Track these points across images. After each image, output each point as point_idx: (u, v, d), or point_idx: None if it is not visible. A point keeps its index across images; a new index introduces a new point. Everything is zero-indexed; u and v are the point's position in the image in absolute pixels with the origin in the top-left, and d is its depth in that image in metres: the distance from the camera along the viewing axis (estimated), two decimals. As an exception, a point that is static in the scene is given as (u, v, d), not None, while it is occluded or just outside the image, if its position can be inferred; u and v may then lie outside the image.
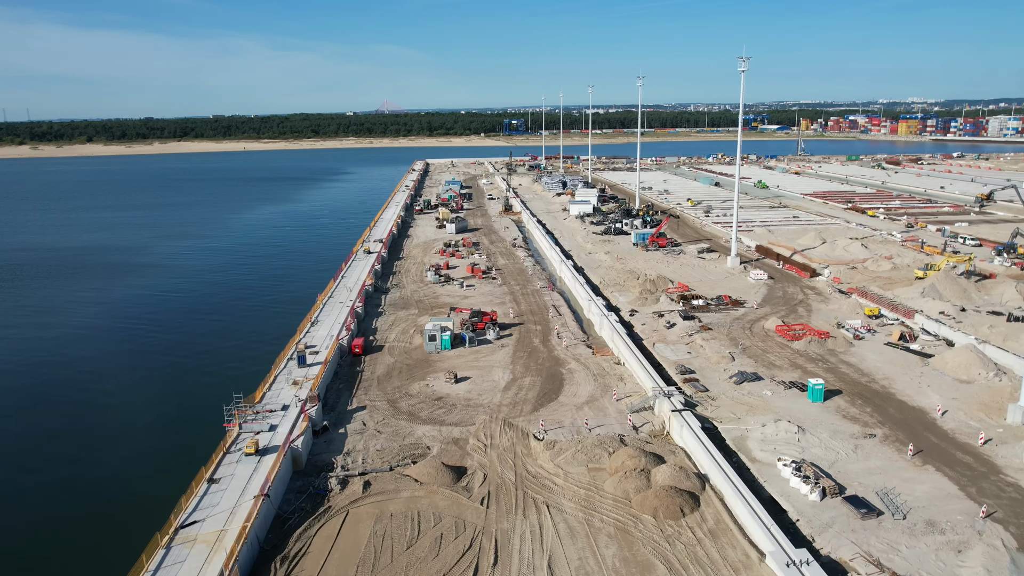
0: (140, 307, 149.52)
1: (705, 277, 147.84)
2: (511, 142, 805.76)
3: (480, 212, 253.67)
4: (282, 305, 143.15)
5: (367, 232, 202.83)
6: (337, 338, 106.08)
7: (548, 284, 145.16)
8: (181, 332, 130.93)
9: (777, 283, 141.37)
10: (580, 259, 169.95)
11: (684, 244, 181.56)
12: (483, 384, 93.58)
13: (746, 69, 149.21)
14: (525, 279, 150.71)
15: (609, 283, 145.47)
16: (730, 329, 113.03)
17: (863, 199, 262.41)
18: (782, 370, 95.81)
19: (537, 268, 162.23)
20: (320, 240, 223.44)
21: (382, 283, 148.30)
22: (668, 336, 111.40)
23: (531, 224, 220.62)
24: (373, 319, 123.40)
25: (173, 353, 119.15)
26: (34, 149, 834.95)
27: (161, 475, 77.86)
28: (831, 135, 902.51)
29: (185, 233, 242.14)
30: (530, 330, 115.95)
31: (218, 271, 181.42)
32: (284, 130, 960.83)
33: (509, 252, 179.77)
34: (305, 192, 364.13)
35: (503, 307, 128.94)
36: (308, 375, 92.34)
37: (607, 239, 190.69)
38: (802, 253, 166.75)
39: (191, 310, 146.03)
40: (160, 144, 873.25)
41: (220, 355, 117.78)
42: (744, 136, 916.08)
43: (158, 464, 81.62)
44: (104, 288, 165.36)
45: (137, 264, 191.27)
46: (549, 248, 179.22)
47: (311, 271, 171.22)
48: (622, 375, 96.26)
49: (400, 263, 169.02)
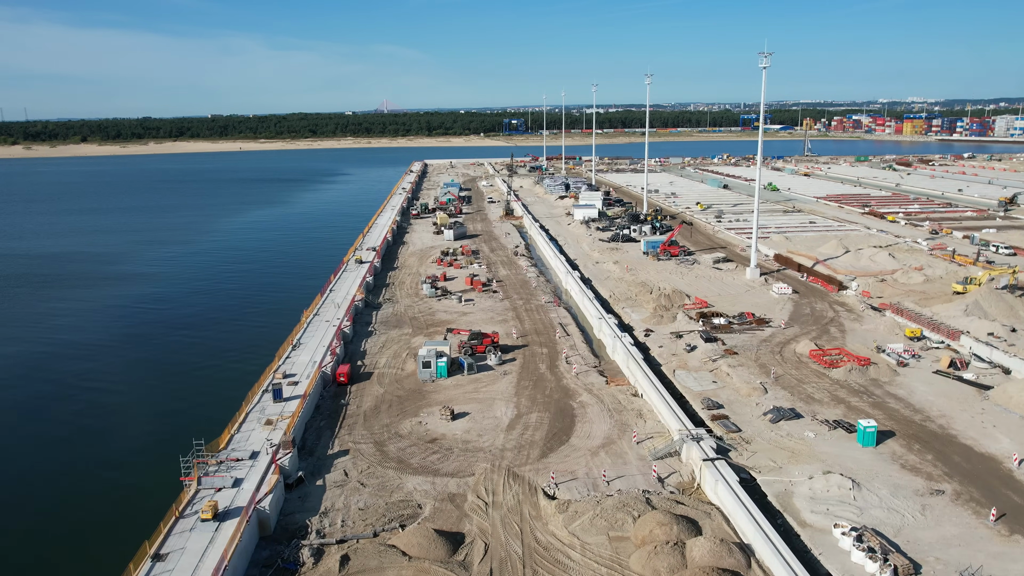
0: (104, 323, 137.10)
1: (723, 291, 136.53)
2: (511, 142, 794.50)
3: (480, 216, 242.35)
4: (264, 323, 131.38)
5: (360, 239, 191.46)
6: (320, 365, 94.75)
7: (554, 299, 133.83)
8: (147, 355, 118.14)
9: (803, 298, 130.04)
10: (587, 269, 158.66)
11: (697, 253, 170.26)
12: (483, 421, 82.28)
13: (768, 65, 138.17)
14: (528, 292, 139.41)
15: (620, 297, 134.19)
16: (758, 353, 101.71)
17: (879, 203, 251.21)
18: (823, 405, 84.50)
19: (541, 279, 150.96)
20: (310, 247, 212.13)
21: (374, 297, 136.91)
22: (689, 361, 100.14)
23: (533, 230, 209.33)
24: (362, 340, 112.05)
25: (133, 383, 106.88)
26: (27, 149, 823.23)
27: (98, 546, 66.45)
28: (835, 135, 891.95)
29: (167, 239, 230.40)
30: (535, 353, 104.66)
31: (197, 282, 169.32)
32: (281, 130, 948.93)
33: (511, 261, 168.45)
34: (298, 194, 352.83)
35: (505, 326, 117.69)
36: (284, 412, 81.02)
37: (615, 247, 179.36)
38: (825, 263, 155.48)
39: (161, 329, 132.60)
40: (155, 144, 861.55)
41: (187, 386, 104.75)
42: (746, 136, 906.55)
43: (93, 535, 69.18)
44: (67, 301, 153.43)
45: (109, 274, 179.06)
46: (553, 257, 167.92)
47: (298, 282, 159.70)
48: (641, 410, 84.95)
49: (394, 274, 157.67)
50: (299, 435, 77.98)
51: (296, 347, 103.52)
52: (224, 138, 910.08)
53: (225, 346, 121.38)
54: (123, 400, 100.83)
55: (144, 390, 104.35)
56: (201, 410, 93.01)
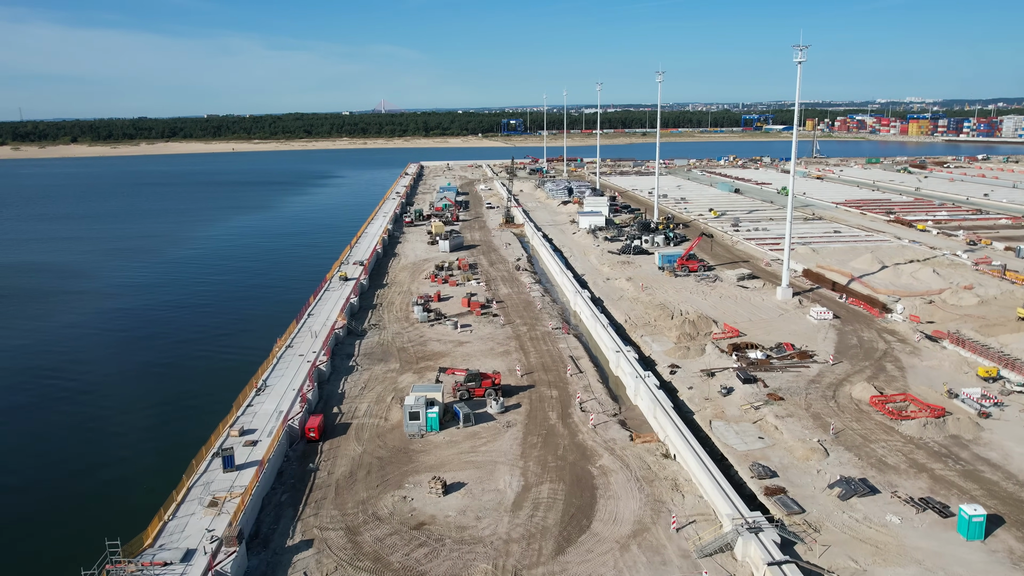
0: (41, 358, 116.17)
1: (753, 315, 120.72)
2: (509, 143, 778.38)
3: (478, 224, 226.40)
4: (228, 358, 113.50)
5: (347, 251, 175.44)
6: (286, 418, 78.82)
7: (562, 324, 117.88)
8: (81, 408, 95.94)
9: (845, 324, 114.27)
10: (597, 287, 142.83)
11: (718, 268, 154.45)
12: (483, 497, 66.45)
13: (804, 60, 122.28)
14: (533, 316, 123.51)
15: (637, 322, 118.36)
16: (808, 399, 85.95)
17: (903, 209, 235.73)
18: (900, 474, 68.73)
19: (547, 299, 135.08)
20: (294, 259, 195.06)
21: (358, 322, 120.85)
22: (727, 408, 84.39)
23: (536, 239, 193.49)
24: (341, 378, 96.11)
25: (54, 453, 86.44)
26: (15, 150, 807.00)
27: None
28: (839, 135, 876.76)
29: (137, 248, 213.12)
30: (544, 397, 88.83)
31: (162, 303, 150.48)
32: (276, 130, 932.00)
33: (512, 277, 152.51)
34: (287, 198, 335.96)
35: (507, 359, 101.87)
36: (236, 486, 65.22)
37: (626, 260, 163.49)
38: (861, 281, 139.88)
39: (109, 367, 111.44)
40: (147, 144, 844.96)
41: (117, 453, 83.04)
42: (748, 136, 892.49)
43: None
44: (8, 324, 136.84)
45: (64, 291, 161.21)
46: (560, 273, 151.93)
47: (276, 303, 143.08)
48: (676, 479, 69.16)
49: (383, 292, 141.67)
50: (251, 521, 62.10)
51: (261, 391, 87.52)
52: (217, 139, 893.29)
53: (173, 394, 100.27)
54: (43, 483, 76.97)
55: (51, 468, 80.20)
56: (129, 486, 75.46)
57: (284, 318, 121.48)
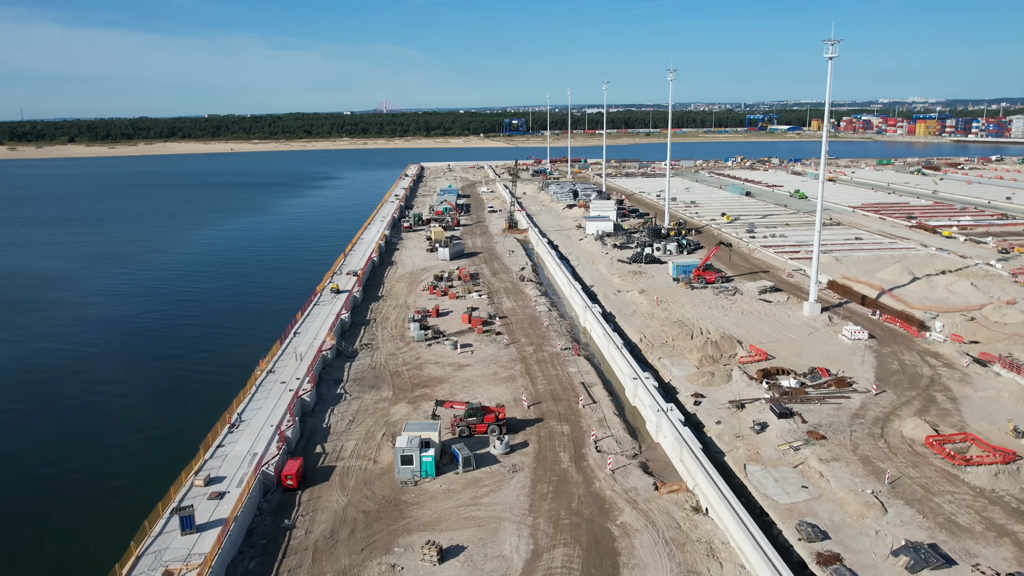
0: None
1: (780, 333, 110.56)
2: (511, 143, 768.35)
3: (480, 229, 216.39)
4: (203, 385, 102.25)
5: (341, 259, 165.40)
6: (260, 463, 68.80)
7: (572, 344, 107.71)
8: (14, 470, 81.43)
9: (883, 345, 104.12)
10: (608, 300, 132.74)
11: (737, 279, 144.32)
12: (485, 566, 56.45)
13: (835, 55, 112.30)
14: (540, 334, 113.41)
15: (654, 342, 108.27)
16: (853, 437, 75.86)
17: (924, 213, 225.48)
18: (976, 538, 58.64)
19: (554, 314, 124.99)
20: (285, 267, 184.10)
21: (349, 342, 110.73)
22: (762, 449, 74.32)
23: (541, 246, 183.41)
24: (327, 410, 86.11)
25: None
26: (12, 150, 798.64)
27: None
28: (845, 136, 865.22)
29: (120, 255, 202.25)
30: (554, 434, 78.78)
31: (137, 316, 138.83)
32: (276, 130, 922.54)
33: (516, 289, 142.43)
34: (281, 201, 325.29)
35: (512, 385, 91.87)
36: (196, 552, 55.26)
37: (637, 270, 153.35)
38: (893, 294, 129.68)
39: (55, 394, 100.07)
40: (145, 145, 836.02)
41: (55, 515, 70.78)
42: (753, 137, 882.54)
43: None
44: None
45: (31, 300, 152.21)
46: (567, 284, 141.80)
47: (262, 317, 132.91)
48: (711, 542, 59.15)
49: (377, 306, 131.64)
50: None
51: (235, 427, 77.52)
52: (216, 138, 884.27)
53: (134, 433, 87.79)
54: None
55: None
56: (67, 553, 65.25)
57: (269, 335, 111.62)
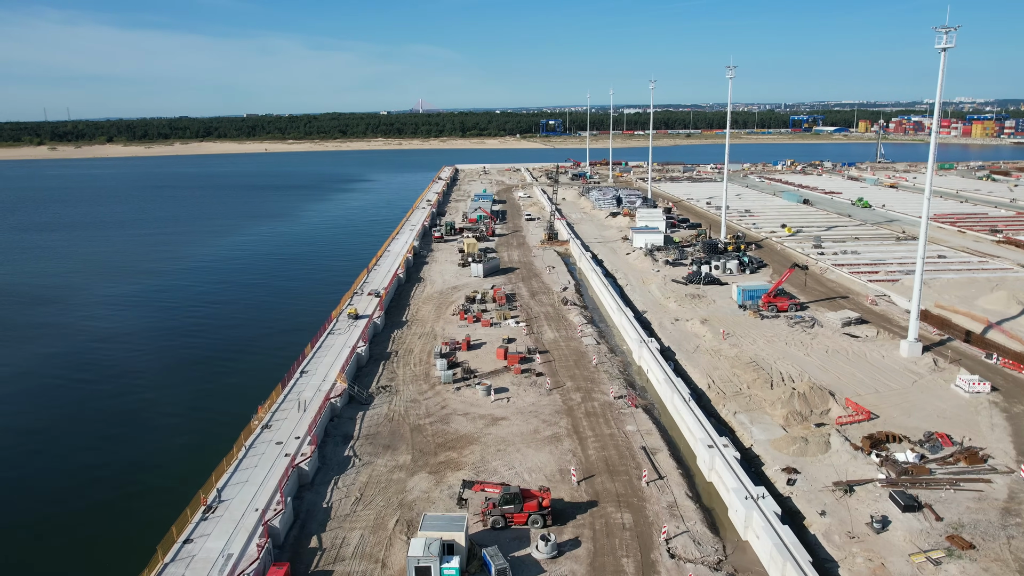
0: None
1: (878, 380, 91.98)
2: (548, 144, 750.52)
3: (516, 240, 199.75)
4: (183, 449, 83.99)
5: (363, 276, 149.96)
6: (236, 574, 52.84)
7: (627, 392, 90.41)
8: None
9: (1012, 401, 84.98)
10: (664, 330, 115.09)
11: (813, 306, 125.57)
12: None
13: (951, 46, 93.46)
14: (588, 375, 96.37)
15: (725, 389, 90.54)
16: (1012, 545, 57.53)
17: (1008, 225, 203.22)
18: None
19: (603, 348, 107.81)
20: (301, 285, 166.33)
21: (364, 384, 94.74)
22: (888, 558, 56.44)
23: (584, 261, 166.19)
24: (330, 479, 70.11)
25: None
26: (51, 150, 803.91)
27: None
28: (895, 138, 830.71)
29: (130, 267, 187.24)
30: (612, 527, 61.72)
31: (130, 344, 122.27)
32: (311, 130, 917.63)
33: (558, 315, 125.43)
34: (308, 206, 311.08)
35: (557, 450, 75.04)
36: None
37: (696, 292, 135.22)
38: (1001, 328, 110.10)
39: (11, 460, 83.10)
40: (181, 144, 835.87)
41: None
42: (798, 138, 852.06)
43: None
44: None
45: (22, 323, 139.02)
46: (617, 310, 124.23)
47: (266, 351, 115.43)
48: None
49: (400, 335, 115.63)
50: None
51: (210, 510, 61.75)
52: (252, 139, 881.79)
53: (91, 525, 69.02)
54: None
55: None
56: None
57: (272, 373, 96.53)
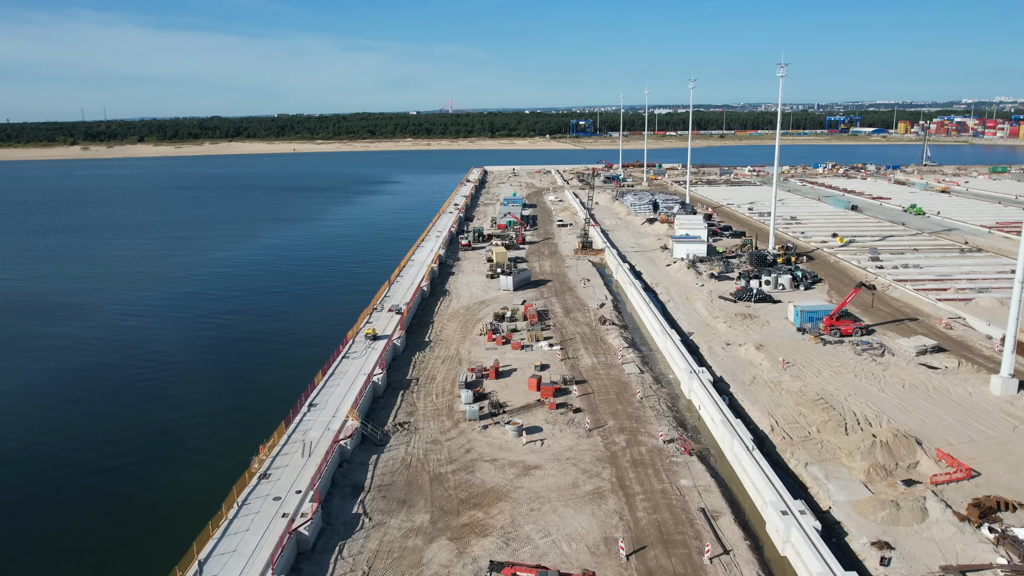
0: None
1: (970, 425, 79.41)
2: (579, 145, 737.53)
3: (548, 248, 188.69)
4: (169, 505, 72.50)
5: (385, 288, 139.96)
6: None
7: (680, 438, 78.75)
8: None
9: None
10: (715, 356, 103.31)
11: (879, 329, 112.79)
12: None
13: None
14: (632, 412, 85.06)
15: (791, 433, 78.66)
16: None
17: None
18: None
19: (646, 377, 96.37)
20: (318, 297, 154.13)
21: (380, 419, 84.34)
22: None
23: (621, 273, 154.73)
24: (334, 545, 59.63)
25: None
26: (84, 150, 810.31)
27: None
28: (937, 139, 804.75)
29: (138, 274, 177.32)
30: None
31: (121, 371, 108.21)
32: (340, 130, 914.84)
33: (595, 336, 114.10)
34: (331, 209, 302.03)
35: (601, 510, 63.90)
36: None
37: (746, 311, 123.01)
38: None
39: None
40: (210, 144, 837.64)
41: None
42: (834, 140, 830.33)
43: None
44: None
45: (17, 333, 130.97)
46: (660, 332, 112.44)
47: (276, 379, 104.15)
48: None
49: (422, 359, 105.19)
50: None
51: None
52: (281, 138, 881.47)
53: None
54: None
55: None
56: None
57: (280, 401, 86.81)
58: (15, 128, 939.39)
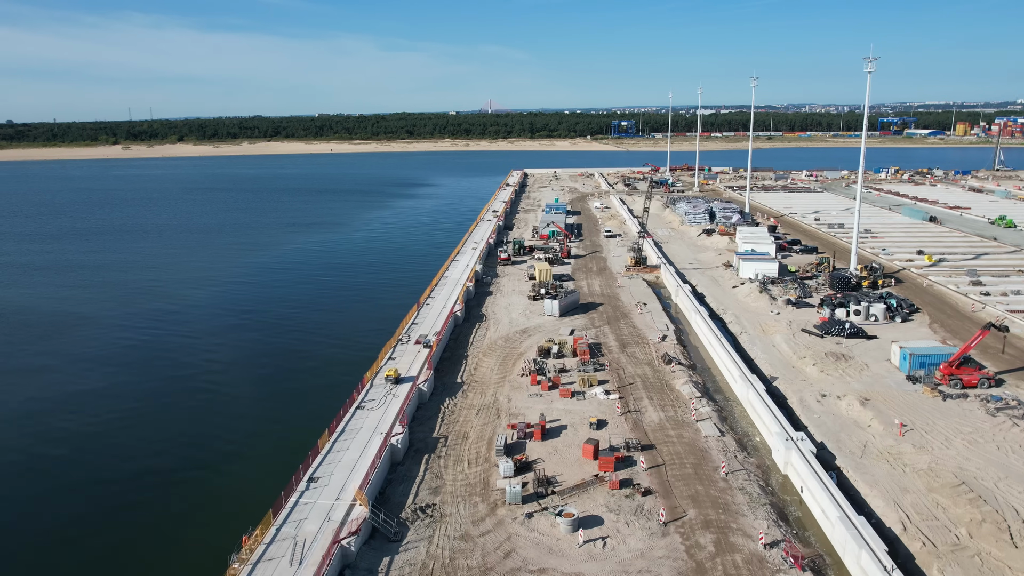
0: None
1: None
2: (620, 146, 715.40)
3: (596, 263, 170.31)
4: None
5: (412, 314, 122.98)
6: None
7: (788, 544, 60.01)
8: None
9: None
10: (808, 412, 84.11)
11: (1009, 379, 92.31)
12: None
13: None
14: (717, 498, 66.57)
15: (932, 536, 59.49)
16: None
17: None
18: None
19: (728, 442, 77.67)
20: (337, 327, 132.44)
21: (397, 498, 67.09)
22: None
23: (681, 296, 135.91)
24: None
25: None
26: (125, 149, 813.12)
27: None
28: (1003, 142, 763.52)
29: (143, 292, 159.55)
30: None
31: (90, 431, 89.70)
32: (378, 130, 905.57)
33: (660, 380, 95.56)
34: (363, 215, 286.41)
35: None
36: None
37: (837, 349, 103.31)
38: None
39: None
40: (249, 144, 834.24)
41: None
42: (888, 142, 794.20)
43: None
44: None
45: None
46: (741, 380, 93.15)
47: (273, 439, 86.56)
48: None
49: (452, 408, 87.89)
50: None
51: None
52: (319, 138, 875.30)
53: None
54: None
55: None
56: None
57: (275, 467, 70.40)
58: (62, 128, 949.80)
